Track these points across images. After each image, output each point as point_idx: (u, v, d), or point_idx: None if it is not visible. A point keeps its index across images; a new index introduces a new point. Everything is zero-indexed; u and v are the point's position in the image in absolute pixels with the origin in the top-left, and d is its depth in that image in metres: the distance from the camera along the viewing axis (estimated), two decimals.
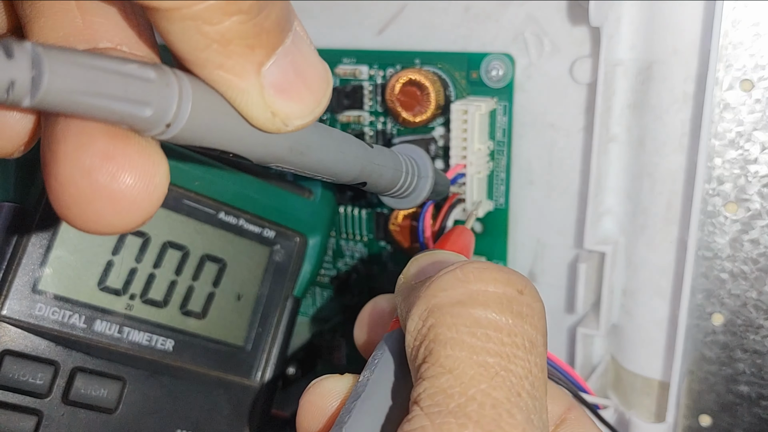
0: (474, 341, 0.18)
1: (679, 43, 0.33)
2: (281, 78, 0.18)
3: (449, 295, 0.19)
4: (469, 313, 0.18)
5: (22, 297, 0.30)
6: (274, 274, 0.38)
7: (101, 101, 0.15)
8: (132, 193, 0.16)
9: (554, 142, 0.39)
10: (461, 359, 0.18)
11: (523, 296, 0.19)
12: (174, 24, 0.15)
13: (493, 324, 0.18)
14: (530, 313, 0.19)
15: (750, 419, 0.35)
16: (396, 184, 0.28)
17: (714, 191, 0.33)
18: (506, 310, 0.18)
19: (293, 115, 0.18)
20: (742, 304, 0.34)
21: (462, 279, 0.19)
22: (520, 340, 0.18)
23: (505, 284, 0.19)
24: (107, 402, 0.31)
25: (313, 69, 0.19)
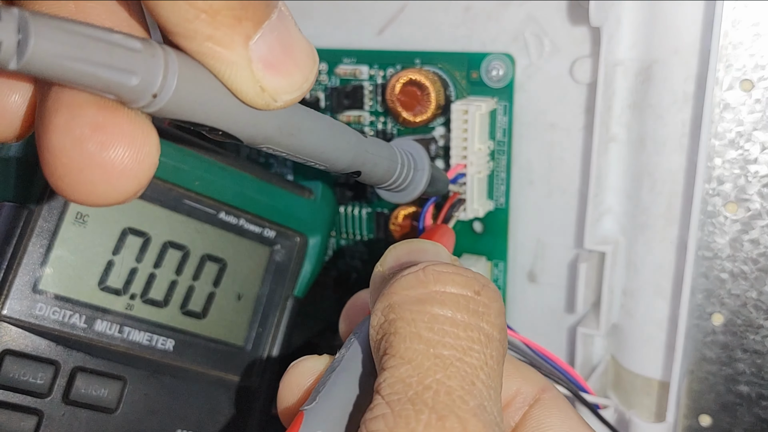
0: (431, 335, 0.19)
1: (679, 43, 0.33)
2: (268, 52, 0.18)
3: (410, 294, 0.20)
4: (428, 310, 0.20)
5: (23, 297, 0.30)
6: (274, 274, 0.38)
7: (88, 67, 0.15)
8: (123, 162, 0.16)
9: (554, 141, 0.39)
10: (419, 351, 0.19)
11: (479, 297, 0.20)
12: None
13: (450, 320, 0.19)
14: (486, 312, 0.20)
15: (750, 419, 0.35)
16: (391, 176, 0.29)
17: (714, 191, 0.33)
18: (462, 308, 0.20)
19: (282, 90, 0.19)
20: (742, 304, 0.34)
21: (423, 280, 0.20)
22: (475, 334, 0.19)
23: (462, 286, 0.20)
24: (108, 402, 0.31)
25: (299, 45, 0.19)
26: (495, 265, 0.42)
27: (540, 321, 0.42)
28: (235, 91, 0.18)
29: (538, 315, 0.42)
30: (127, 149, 0.16)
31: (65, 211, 0.31)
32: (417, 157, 0.30)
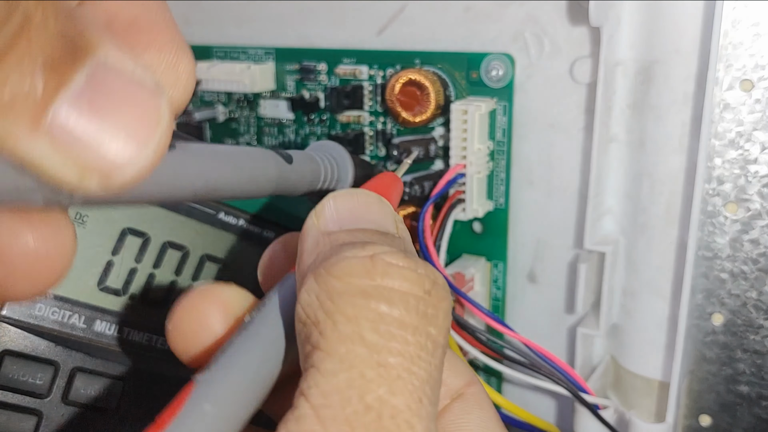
0: (376, 339, 0.16)
1: (679, 43, 0.33)
2: (90, 109, 0.14)
3: (354, 284, 0.17)
4: (374, 308, 0.17)
5: None
6: None
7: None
8: (36, 265, 0.16)
9: (554, 142, 0.39)
10: (361, 357, 0.16)
11: (430, 297, 0.18)
12: None
13: (398, 322, 0.17)
14: (435, 314, 0.18)
15: (750, 419, 0.35)
16: (314, 188, 0.27)
17: (714, 191, 0.33)
18: (412, 309, 0.17)
19: (121, 163, 0.14)
20: (742, 304, 0.34)
21: (370, 270, 0.17)
22: (423, 340, 0.17)
23: (413, 283, 0.18)
24: (107, 402, 0.31)
25: (141, 89, 0.14)
26: (494, 266, 0.42)
27: (540, 321, 0.42)
28: (51, 181, 0.14)
29: (538, 315, 0.42)
30: (41, 251, 0.16)
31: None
32: (340, 161, 0.29)
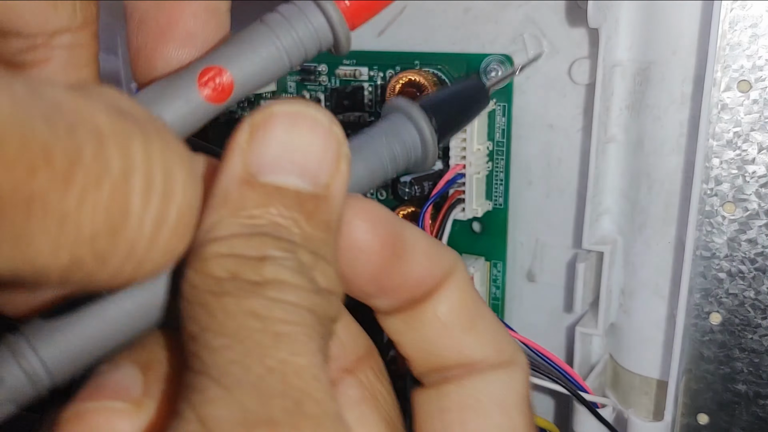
0: (268, 312, 0.15)
1: (677, 44, 0.34)
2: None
3: (244, 269, 0.15)
4: (261, 292, 0.15)
5: None
6: None
7: None
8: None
9: (553, 142, 0.39)
10: (255, 330, 0.15)
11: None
12: None
13: (284, 302, 0.15)
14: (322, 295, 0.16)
15: (747, 418, 0.35)
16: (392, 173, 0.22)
17: (712, 191, 0.33)
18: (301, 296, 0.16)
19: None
20: (740, 304, 0.34)
21: (258, 269, 0.15)
22: (310, 307, 0.15)
23: (297, 282, 0.16)
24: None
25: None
26: (494, 265, 0.42)
27: (538, 321, 0.42)
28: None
29: (537, 315, 0.42)
30: None
31: None
32: (405, 133, 0.22)
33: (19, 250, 0.12)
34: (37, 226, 0.12)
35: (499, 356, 0.21)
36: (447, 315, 0.20)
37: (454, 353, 0.21)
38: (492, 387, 0.20)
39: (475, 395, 0.20)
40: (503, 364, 0.21)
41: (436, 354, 0.21)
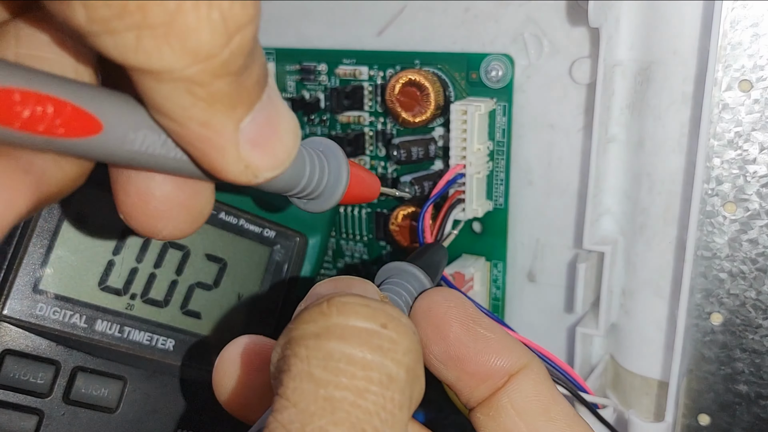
0: (323, 374, 0.17)
1: (678, 43, 0.34)
2: (256, 133, 0.18)
3: (309, 328, 0.18)
4: (323, 346, 0.17)
5: (24, 297, 0.30)
6: (274, 274, 0.38)
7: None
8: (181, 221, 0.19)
9: (553, 142, 0.39)
10: (306, 392, 0.17)
11: (386, 330, 0.18)
12: (164, 84, 0.16)
13: (347, 357, 0.17)
14: (392, 348, 0.18)
15: (749, 418, 0.35)
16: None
17: (713, 191, 0.33)
18: (364, 343, 0.17)
19: (265, 168, 0.19)
20: (741, 304, 0.34)
21: (325, 312, 0.18)
22: (376, 374, 0.17)
23: (366, 318, 0.18)
24: (108, 401, 0.31)
25: (285, 123, 0.19)
26: (494, 266, 0.42)
27: (539, 321, 0.42)
28: (215, 169, 0.18)
29: (538, 315, 0.42)
30: (186, 215, 0.19)
31: (66, 212, 0.31)
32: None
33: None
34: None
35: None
36: (521, 403, 0.23)
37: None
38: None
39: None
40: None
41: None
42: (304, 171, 0.23)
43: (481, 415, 0.23)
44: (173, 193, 0.20)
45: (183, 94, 0.16)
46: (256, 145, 0.18)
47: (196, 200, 0.20)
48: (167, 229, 0.20)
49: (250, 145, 0.18)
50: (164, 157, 0.18)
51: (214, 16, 0.15)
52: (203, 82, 0.16)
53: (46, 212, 0.30)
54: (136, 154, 0.17)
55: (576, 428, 0.23)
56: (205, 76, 0.16)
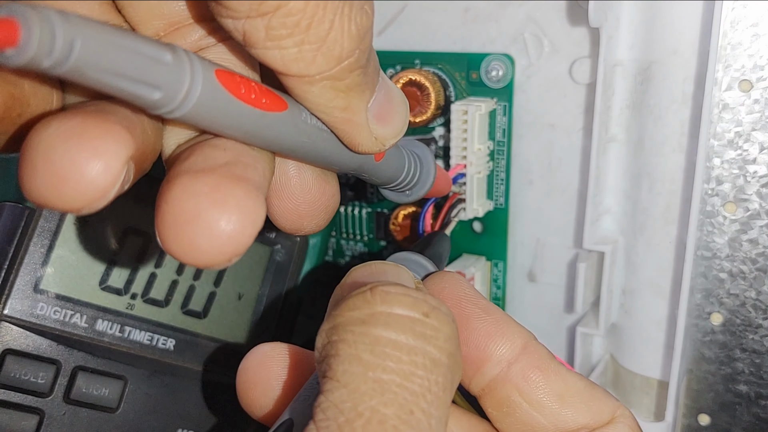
0: (371, 358, 0.18)
1: (678, 43, 0.34)
2: (379, 108, 0.23)
3: (354, 315, 0.19)
4: (370, 332, 0.19)
5: (24, 296, 0.30)
6: (274, 273, 0.38)
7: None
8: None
9: (554, 142, 0.39)
10: (356, 374, 0.18)
11: (428, 319, 0.19)
12: (314, 86, 0.20)
13: (393, 343, 0.18)
14: (434, 335, 0.19)
15: (749, 418, 0.35)
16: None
17: (713, 191, 0.33)
18: (408, 330, 0.19)
19: (389, 136, 0.23)
20: (741, 304, 0.34)
21: (369, 300, 0.19)
22: (420, 359, 0.18)
23: (409, 307, 0.19)
24: (109, 401, 0.31)
25: (398, 97, 0.24)
26: (494, 265, 0.42)
27: (539, 320, 0.42)
28: (353, 143, 0.22)
29: (538, 314, 0.42)
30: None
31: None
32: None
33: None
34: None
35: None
36: (532, 395, 0.23)
37: None
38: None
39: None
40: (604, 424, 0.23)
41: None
42: (404, 164, 0.28)
43: (494, 411, 0.23)
44: (315, 195, 0.24)
45: (328, 90, 0.20)
46: (381, 119, 0.23)
47: (330, 201, 0.25)
48: (310, 226, 0.25)
49: (377, 119, 0.22)
50: (322, 129, 0.22)
51: (352, 28, 0.19)
52: (342, 77, 0.20)
53: (47, 211, 0.30)
54: (310, 127, 0.21)
55: (593, 403, 0.23)
56: (344, 72, 0.20)
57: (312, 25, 0.19)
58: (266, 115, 0.20)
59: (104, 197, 0.17)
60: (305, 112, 0.21)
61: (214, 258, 0.18)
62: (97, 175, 0.16)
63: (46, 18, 0.14)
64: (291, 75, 0.20)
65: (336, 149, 0.23)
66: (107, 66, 0.15)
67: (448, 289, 0.24)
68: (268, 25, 0.18)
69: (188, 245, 0.18)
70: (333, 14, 0.19)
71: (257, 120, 0.19)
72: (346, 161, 0.24)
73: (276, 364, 0.25)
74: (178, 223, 0.18)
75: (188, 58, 0.17)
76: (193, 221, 0.18)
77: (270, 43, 0.19)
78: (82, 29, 0.15)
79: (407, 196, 0.30)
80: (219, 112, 0.18)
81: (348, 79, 0.20)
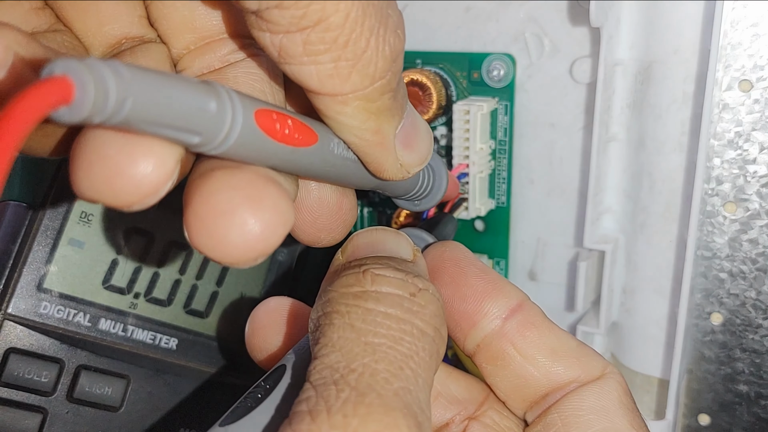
0: (363, 326, 0.19)
1: (679, 43, 0.34)
2: (406, 135, 0.23)
3: (347, 291, 0.21)
4: (362, 305, 0.20)
5: (28, 295, 0.30)
6: (277, 273, 0.38)
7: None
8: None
9: (554, 141, 0.39)
10: (350, 339, 0.19)
11: (415, 298, 0.21)
12: (347, 106, 0.20)
13: (383, 314, 0.20)
14: (421, 311, 0.20)
15: (749, 418, 0.35)
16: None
17: (713, 191, 0.33)
18: (397, 305, 0.20)
19: (414, 163, 0.24)
20: (741, 304, 0.34)
21: (361, 280, 0.21)
22: (408, 328, 0.20)
23: (397, 287, 0.21)
24: (111, 400, 0.32)
25: (423, 126, 0.24)
26: (496, 263, 0.42)
27: None
28: (378, 168, 0.23)
29: None
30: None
31: (70, 211, 0.31)
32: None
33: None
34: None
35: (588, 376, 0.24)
36: (526, 349, 0.24)
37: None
38: (587, 400, 0.23)
39: (573, 411, 0.23)
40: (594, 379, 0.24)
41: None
42: (418, 177, 0.28)
43: (488, 365, 0.24)
44: (333, 209, 0.25)
45: (361, 111, 0.21)
46: (407, 145, 0.23)
47: (348, 215, 0.25)
48: (327, 239, 0.25)
49: (403, 146, 0.23)
50: (346, 159, 0.22)
51: (386, 49, 0.20)
52: (374, 98, 0.21)
53: (51, 211, 0.31)
54: (336, 158, 0.22)
55: (584, 359, 0.24)
56: (376, 93, 0.21)
57: (349, 43, 0.19)
58: (297, 150, 0.20)
59: (156, 194, 0.17)
60: (333, 141, 0.21)
61: (242, 255, 0.18)
62: (152, 171, 0.17)
63: (100, 77, 0.14)
64: (325, 93, 0.20)
65: (360, 175, 0.23)
66: (154, 119, 0.16)
67: (448, 252, 0.25)
68: (307, 39, 0.19)
69: (219, 241, 0.18)
70: (369, 33, 0.20)
71: (288, 155, 0.20)
72: (367, 183, 0.25)
73: (280, 316, 0.26)
74: (210, 217, 0.18)
75: (231, 103, 0.17)
76: (226, 216, 0.18)
77: (307, 58, 0.19)
78: (133, 85, 0.15)
79: (417, 206, 0.31)
80: (253, 151, 0.19)
81: (379, 101, 0.21)
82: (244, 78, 0.22)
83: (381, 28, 0.20)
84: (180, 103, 0.16)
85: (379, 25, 0.20)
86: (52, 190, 0.31)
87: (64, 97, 0.14)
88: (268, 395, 0.21)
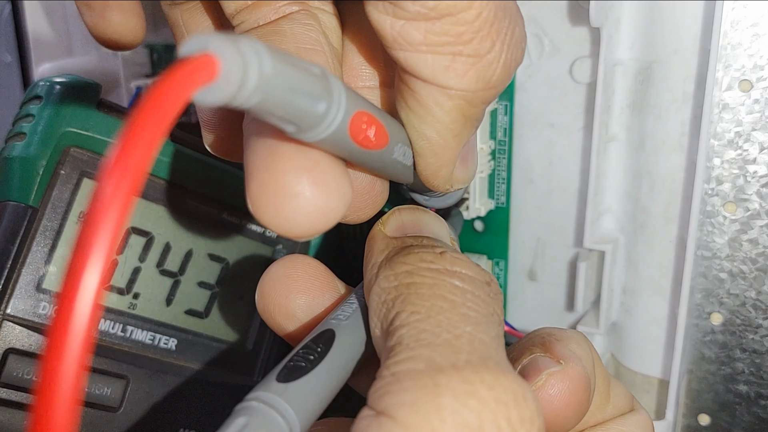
0: (455, 298, 0.19)
1: (679, 43, 0.34)
2: (465, 152, 0.23)
3: (429, 265, 0.20)
4: (449, 281, 0.19)
5: (27, 295, 0.30)
6: None
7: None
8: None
9: (554, 141, 0.39)
10: (444, 308, 0.18)
11: (491, 286, 0.20)
12: (450, 101, 0.20)
13: (470, 293, 0.19)
14: (496, 299, 0.20)
15: (749, 418, 0.35)
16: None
17: (713, 191, 0.33)
18: (479, 288, 0.20)
19: (461, 180, 0.24)
20: (741, 304, 0.34)
21: (441, 258, 0.20)
22: (491, 311, 0.19)
23: (477, 273, 0.20)
24: (111, 400, 0.31)
25: (475, 146, 0.25)
26: (496, 264, 0.42)
27: (540, 319, 0.42)
28: (429, 176, 0.23)
29: (538, 313, 0.42)
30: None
31: (69, 211, 0.31)
32: None
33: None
34: None
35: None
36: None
37: None
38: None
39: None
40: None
41: None
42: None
43: None
44: (366, 190, 0.24)
45: (457, 111, 0.20)
46: (463, 162, 0.23)
47: (379, 198, 0.25)
48: (352, 217, 0.25)
49: (461, 160, 0.23)
50: (400, 163, 0.22)
51: (508, 58, 0.20)
52: (476, 104, 0.20)
53: (50, 211, 0.30)
54: (391, 161, 0.22)
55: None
56: (479, 100, 0.20)
57: (474, 41, 0.19)
58: (366, 152, 0.20)
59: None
60: (397, 146, 0.21)
61: (305, 232, 0.19)
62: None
63: (246, 56, 0.14)
64: (434, 84, 0.20)
65: (403, 176, 0.23)
66: (277, 105, 0.16)
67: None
68: (430, 29, 0.19)
69: (285, 219, 0.18)
70: (497, 36, 0.19)
71: (359, 155, 0.20)
72: (402, 180, 0.25)
73: (298, 272, 0.25)
74: (278, 197, 0.18)
75: (337, 107, 0.18)
76: (294, 199, 0.18)
77: (426, 47, 0.19)
78: (273, 72, 0.15)
79: (428, 201, 0.29)
80: (328, 145, 0.19)
81: (477, 108, 0.21)
82: (299, 29, 0.22)
83: (508, 35, 0.20)
84: (298, 98, 0.16)
85: (506, 32, 0.19)
86: (51, 190, 0.31)
87: (209, 76, 0.13)
88: (323, 357, 0.20)
